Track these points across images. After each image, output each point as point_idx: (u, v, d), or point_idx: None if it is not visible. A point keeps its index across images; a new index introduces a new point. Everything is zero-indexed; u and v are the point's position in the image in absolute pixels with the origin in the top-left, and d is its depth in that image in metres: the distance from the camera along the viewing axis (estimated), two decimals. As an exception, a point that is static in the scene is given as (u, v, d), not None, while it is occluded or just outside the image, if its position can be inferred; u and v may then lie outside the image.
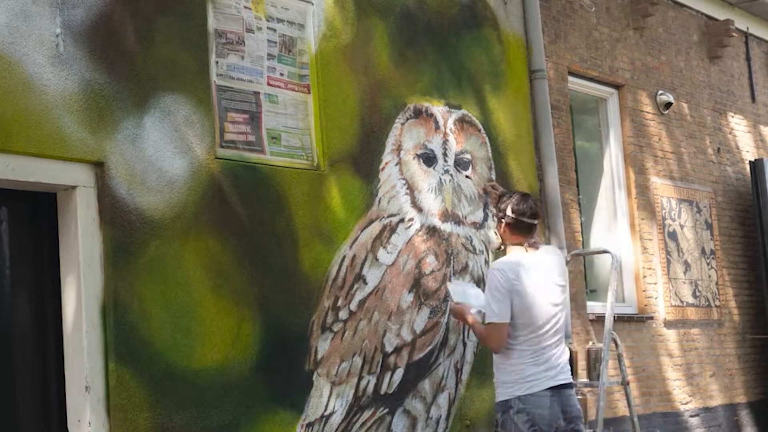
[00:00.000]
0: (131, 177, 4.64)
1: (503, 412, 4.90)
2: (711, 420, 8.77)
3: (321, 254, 5.47)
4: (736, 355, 9.27)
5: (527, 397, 4.82)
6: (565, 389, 4.91)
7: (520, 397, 4.82)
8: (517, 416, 4.82)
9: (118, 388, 4.45)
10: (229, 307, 4.97)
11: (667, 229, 8.61)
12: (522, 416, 4.81)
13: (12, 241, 4.50)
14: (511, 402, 4.86)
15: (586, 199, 8.25)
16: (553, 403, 4.83)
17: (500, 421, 4.93)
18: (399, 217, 5.94)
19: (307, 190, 5.44)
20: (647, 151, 8.57)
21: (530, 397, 4.81)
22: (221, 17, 5.21)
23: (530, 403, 4.81)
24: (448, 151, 6.34)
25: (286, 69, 5.51)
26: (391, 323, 5.79)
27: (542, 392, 4.83)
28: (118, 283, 4.52)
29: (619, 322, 7.73)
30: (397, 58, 6.12)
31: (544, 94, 7.18)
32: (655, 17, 8.83)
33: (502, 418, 4.90)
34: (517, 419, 4.82)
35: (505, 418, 4.87)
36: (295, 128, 5.50)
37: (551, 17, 7.69)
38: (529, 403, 4.81)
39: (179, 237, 4.79)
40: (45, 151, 4.37)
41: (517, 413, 4.83)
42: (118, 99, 4.64)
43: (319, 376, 5.38)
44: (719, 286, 9.19)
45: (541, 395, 4.82)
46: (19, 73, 4.30)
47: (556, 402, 4.84)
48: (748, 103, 10.12)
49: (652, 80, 8.76)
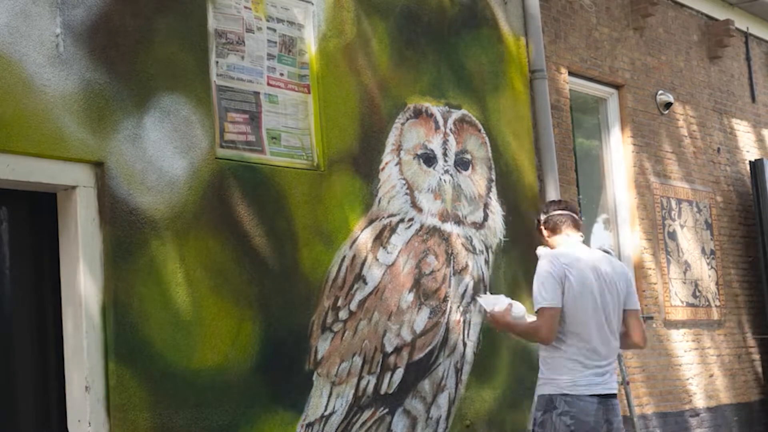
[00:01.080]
0: (131, 177, 4.64)
1: (545, 410, 4.52)
2: (711, 420, 8.77)
3: (321, 254, 5.47)
4: (736, 355, 9.27)
5: (574, 400, 4.46)
6: (611, 399, 4.58)
7: (567, 399, 4.47)
8: (560, 418, 4.46)
9: (118, 388, 4.45)
10: (229, 307, 4.97)
11: (667, 229, 8.61)
12: (565, 419, 4.46)
13: (12, 241, 4.50)
14: (556, 401, 4.49)
15: (586, 199, 8.26)
16: (599, 411, 4.50)
17: (539, 419, 4.55)
18: (399, 217, 5.94)
19: (307, 190, 5.44)
20: (647, 151, 8.57)
21: (577, 401, 4.46)
22: (221, 17, 5.21)
23: (576, 407, 4.46)
24: (448, 151, 6.34)
25: (286, 69, 5.51)
26: (391, 323, 5.79)
27: (590, 397, 4.48)
28: (118, 283, 4.52)
29: (619, 322, 7.71)
30: (397, 58, 6.12)
31: (544, 94, 7.18)
32: (655, 17, 8.83)
33: (543, 417, 4.53)
34: (559, 422, 4.46)
35: (546, 418, 4.51)
36: (295, 128, 5.50)
37: (551, 17, 7.69)
38: (575, 407, 4.46)
39: (179, 237, 4.79)
40: (45, 151, 4.37)
41: (560, 415, 4.47)
42: (118, 99, 4.64)
43: (319, 376, 5.38)
44: (719, 286, 9.19)
45: (588, 401, 4.47)
46: (19, 73, 4.30)
47: (602, 411, 4.51)
48: (748, 103, 10.12)
49: (652, 80, 8.76)
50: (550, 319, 4.48)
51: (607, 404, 4.54)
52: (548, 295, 4.48)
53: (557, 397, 4.51)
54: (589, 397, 4.48)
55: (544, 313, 4.49)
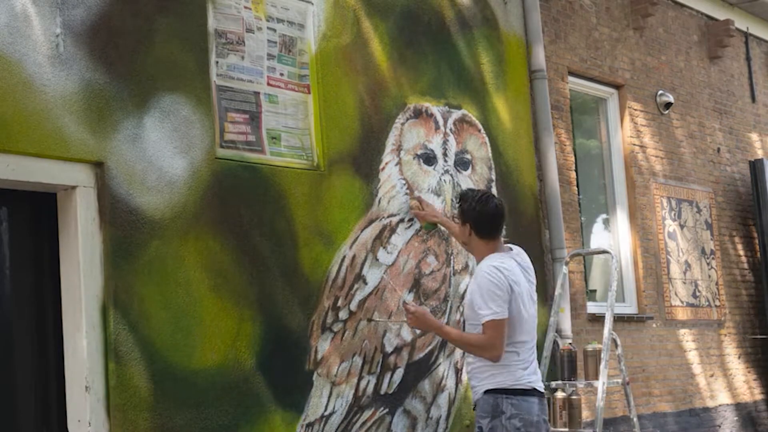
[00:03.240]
0: (131, 177, 4.64)
1: (492, 417, 4.48)
2: (711, 420, 8.77)
3: (321, 254, 5.47)
4: (736, 355, 9.27)
5: (519, 404, 4.45)
6: (543, 399, 4.61)
7: (512, 402, 4.45)
8: (509, 422, 4.44)
9: (118, 388, 4.45)
10: (229, 307, 4.97)
11: (667, 229, 8.61)
12: (515, 422, 4.44)
13: (12, 241, 4.50)
14: (502, 406, 4.45)
15: (586, 199, 8.26)
16: (541, 411, 4.53)
17: (487, 427, 4.49)
18: (399, 217, 5.94)
19: (307, 190, 5.44)
20: (647, 151, 8.57)
21: (522, 403, 4.45)
22: (221, 17, 5.21)
23: (523, 409, 4.45)
24: (448, 151, 6.34)
25: (286, 69, 5.51)
26: (391, 323, 5.79)
27: (531, 399, 4.49)
28: (118, 283, 4.52)
29: (619, 322, 7.73)
30: (397, 58, 6.12)
31: (544, 94, 7.18)
32: (655, 17, 8.83)
33: (491, 424, 4.47)
34: (509, 425, 4.44)
35: (495, 424, 4.46)
36: (295, 128, 5.50)
37: (551, 17, 7.69)
38: (522, 409, 4.45)
39: (179, 237, 4.79)
40: (45, 151, 4.37)
41: (509, 419, 4.44)
42: (118, 99, 4.64)
43: (319, 376, 5.38)
44: (719, 286, 9.19)
45: (531, 402, 4.48)
46: (19, 73, 4.30)
47: (542, 410, 4.55)
48: (748, 103, 10.12)
49: (652, 80, 8.76)
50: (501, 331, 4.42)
51: (542, 404, 4.59)
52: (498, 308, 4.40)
53: (503, 402, 4.47)
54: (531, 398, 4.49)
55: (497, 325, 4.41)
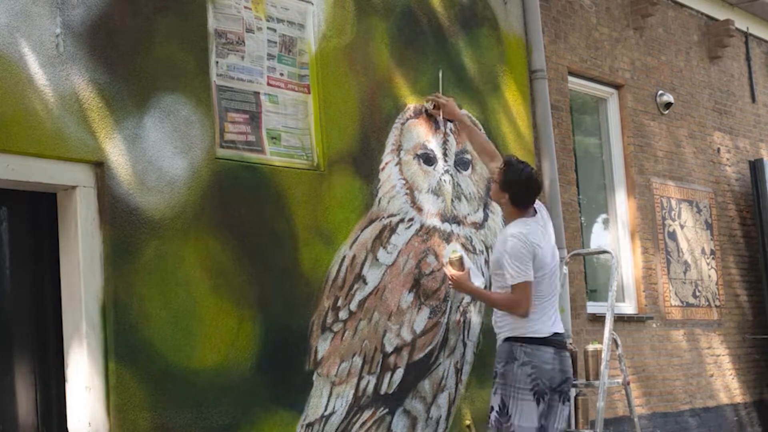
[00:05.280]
0: (131, 177, 4.64)
1: (506, 362, 4.86)
2: (711, 420, 8.77)
3: (321, 254, 5.47)
4: (736, 355, 9.27)
5: (533, 352, 4.81)
6: (564, 350, 4.94)
7: (526, 350, 4.81)
8: (521, 369, 4.80)
9: (118, 388, 4.45)
10: (229, 307, 4.97)
11: (667, 229, 8.61)
12: (527, 368, 4.79)
13: (12, 241, 4.50)
14: (516, 353, 4.83)
15: (586, 199, 8.26)
16: (555, 361, 4.85)
17: (500, 371, 4.88)
18: (399, 217, 5.94)
19: (307, 190, 5.44)
20: (647, 151, 8.57)
21: (536, 351, 4.81)
22: (221, 17, 5.21)
23: (536, 357, 4.80)
24: (448, 151, 6.34)
25: (286, 69, 5.51)
26: (391, 323, 5.79)
27: (546, 348, 4.83)
28: (118, 283, 4.52)
29: (619, 322, 7.73)
30: (397, 58, 6.12)
31: (544, 94, 7.18)
32: (655, 17, 8.83)
33: (504, 369, 4.86)
34: (521, 371, 4.80)
35: (507, 369, 4.85)
36: (295, 128, 5.50)
37: (551, 17, 7.69)
38: (535, 357, 4.80)
39: (179, 237, 4.79)
40: (45, 151, 4.37)
41: (521, 366, 4.80)
42: (118, 99, 4.64)
43: (319, 376, 5.38)
44: (719, 286, 9.19)
45: (545, 351, 4.83)
46: (19, 73, 4.30)
47: (557, 361, 4.86)
48: (748, 103, 10.12)
49: (652, 80, 8.76)
50: (528, 292, 4.85)
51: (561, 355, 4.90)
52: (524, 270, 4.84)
53: (517, 349, 4.83)
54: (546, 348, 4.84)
55: (524, 287, 4.84)
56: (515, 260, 4.84)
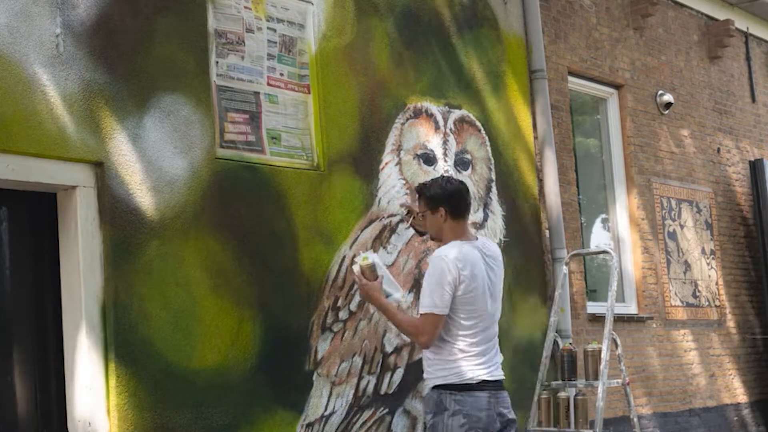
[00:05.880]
0: (131, 177, 4.64)
1: (435, 413, 4.24)
2: (711, 420, 8.77)
3: (321, 254, 5.47)
4: (736, 355, 9.27)
5: (464, 398, 4.19)
6: (501, 392, 4.32)
7: (456, 398, 4.19)
8: (453, 419, 4.19)
9: (118, 388, 4.45)
10: (229, 307, 4.97)
11: (667, 229, 8.61)
12: (458, 419, 4.18)
13: (12, 241, 4.50)
14: (445, 402, 4.21)
15: (586, 199, 8.26)
16: (491, 404, 4.24)
17: (430, 423, 4.26)
18: (399, 217, 5.94)
19: (307, 190, 5.44)
20: (647, 151, 8.57)
21: (467, 398, 4.19)
22: (221, 17, 5.21)
23: (468, 404, 4.19)
24: (448, 151, 6.34)
25: (286, 69, 5.51)
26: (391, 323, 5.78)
27: (480, 393, 4.22)
28: (118, 283, 4.52)
29: (619, 322, 7.72)
30: (397, 58, 6.12)
31: (544, 94, 7.18)
32: (655, 17, 8.83)
33: (433, 420, 4.24)
34: (452, 422, 4.19)
35: (437, 421, 4.22)
36: (295, 128, 5.50)
37: (551, 17, 7.69)
38: (466, 405, 4.19)
39: (179, 237, 4.79)
40: (45, 151, 4.37)
41: (452, 416, 4.20)
42: (118, 99, 4.64)
43: (319, 376, 5.38)
44: (719, 286, 9.19)
45: (479, 396, 4.21)
46: (19, 73, 4.30)
47: (493, 404, 4.25)
48: (748, 103, 10.12)
49: (652, 80, 8.76)
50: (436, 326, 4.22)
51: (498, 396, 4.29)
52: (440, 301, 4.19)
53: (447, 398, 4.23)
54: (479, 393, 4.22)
55: (434, 319, 4.22)
56: (434, 286, 4.19)
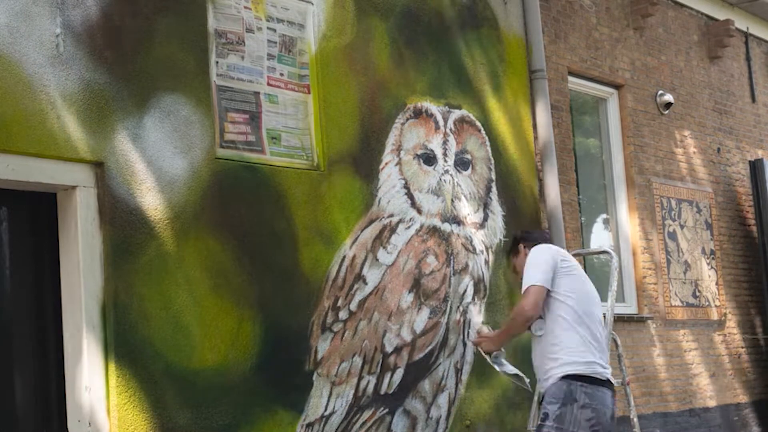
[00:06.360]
0: (131, 177, 4.64)
1: (563, 404, 4.29)
2: (711, 420, 8.77)
3: (321, 254, 5.47)
4: (736, 355, 9.27)
5: (594, 393, 4.29)
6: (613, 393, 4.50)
7: (587, 391, 4.28)
8: (581, 411, 4.26)
9: (118, 388, 4.45)
10: (229, 307, 4.97)
11: (667, 229, 8.61)
12: (587, 412, 4.26)
13: (12, 241, 4.50)
14: (575, 393, 4.28)
15: (586, 199, 8.26)
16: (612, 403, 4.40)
17: (556, 413, 4.29)
18: (399, 217, 5.94)
19: (307, 190, 5.44)
20: (647, 151, 8.57)
21: (596, 393, 4.30)
22: (221, 17, 5.21)
23: (597, 399, 4.28)
24: (448, 151, 6.34)
25: (286, 69, 5.51)
26: (391, 323, 5.79)
27: (604, 389, 4.35)
28: (118, 283, 4.52)
29: (619, 322, 7.73)
30: (397, 58, 6.12)
31: (544, 94, 7.18)
32: (655, 17, 8.83)
33: (560, 411, 4.28)
34: (581, 415, 4.26)
35: (564, 411, 4.27)
36: (295, 128, 5.50)
37: (551, 17, 7.69)
38: (595, 399, 4.28)
39: (179, 237, 4.79)
40: (45, 151, 4.37)
41: (581, 408, 4.26)
42: (118, 99, 4.64)
43: (319, 376, 5.38)
44: (719, 286, 9.19)
45: (605, 393, 4.34)
46: (19, 73, 4.30)
47: (611, 403, 4.40)
48: (748, 103, 10.12)
49: (652, 80, 8.76)
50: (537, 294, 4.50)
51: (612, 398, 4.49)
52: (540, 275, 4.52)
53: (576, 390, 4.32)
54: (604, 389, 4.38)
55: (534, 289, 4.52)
56: (531, 267, 4.58)
